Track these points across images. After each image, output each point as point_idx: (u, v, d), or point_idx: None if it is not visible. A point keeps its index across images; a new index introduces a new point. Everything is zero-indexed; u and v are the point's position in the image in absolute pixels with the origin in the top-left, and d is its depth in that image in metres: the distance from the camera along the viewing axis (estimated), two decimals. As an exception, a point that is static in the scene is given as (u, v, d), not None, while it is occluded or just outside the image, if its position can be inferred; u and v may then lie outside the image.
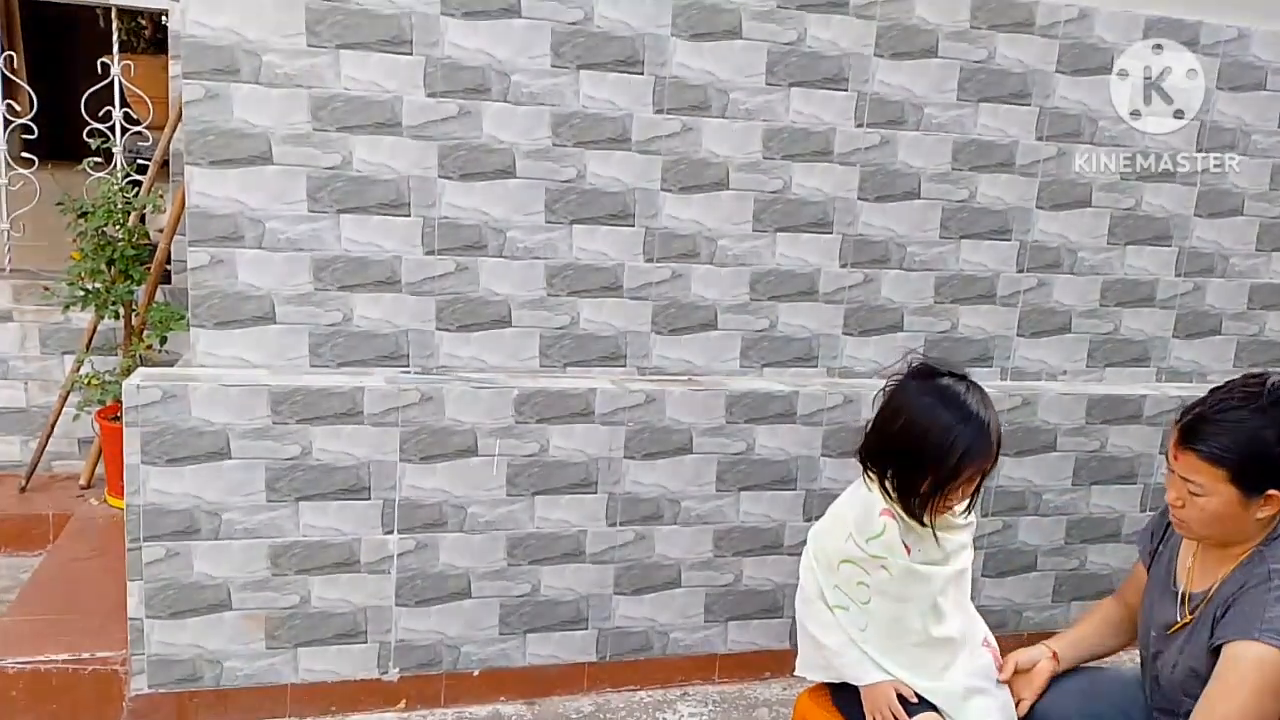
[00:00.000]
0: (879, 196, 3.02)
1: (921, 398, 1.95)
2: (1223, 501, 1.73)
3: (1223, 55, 3.22)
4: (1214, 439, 1.72)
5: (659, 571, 2.96)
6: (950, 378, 1.98)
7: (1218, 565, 1.85)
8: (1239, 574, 1.79)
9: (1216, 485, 1.73)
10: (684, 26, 2.78)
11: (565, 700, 2.96)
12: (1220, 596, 1.80)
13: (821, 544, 2.07)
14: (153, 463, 2.54)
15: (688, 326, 2.96)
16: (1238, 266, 3.40)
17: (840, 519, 2.06)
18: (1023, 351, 3.27)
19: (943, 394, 1.94)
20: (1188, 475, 1.76)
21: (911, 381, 1.99)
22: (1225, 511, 1.74)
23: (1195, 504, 1.76)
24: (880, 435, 2.00)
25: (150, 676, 2.63)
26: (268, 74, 2.55)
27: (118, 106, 3.91)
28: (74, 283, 3.43)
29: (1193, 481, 1.75)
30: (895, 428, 1.96)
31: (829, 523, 2.10)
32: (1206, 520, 1.77)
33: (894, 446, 1.96)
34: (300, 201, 2.63)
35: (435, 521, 2.75)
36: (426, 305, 2.76)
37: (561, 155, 2.77)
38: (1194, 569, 1.91)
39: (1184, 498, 1.78)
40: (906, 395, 1.97)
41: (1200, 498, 1.75)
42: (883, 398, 2.03)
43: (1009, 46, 3.03)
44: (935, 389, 1.95)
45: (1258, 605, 1.71)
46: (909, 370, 2.01)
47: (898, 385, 2.01)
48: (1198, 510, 1.76)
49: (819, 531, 2.11)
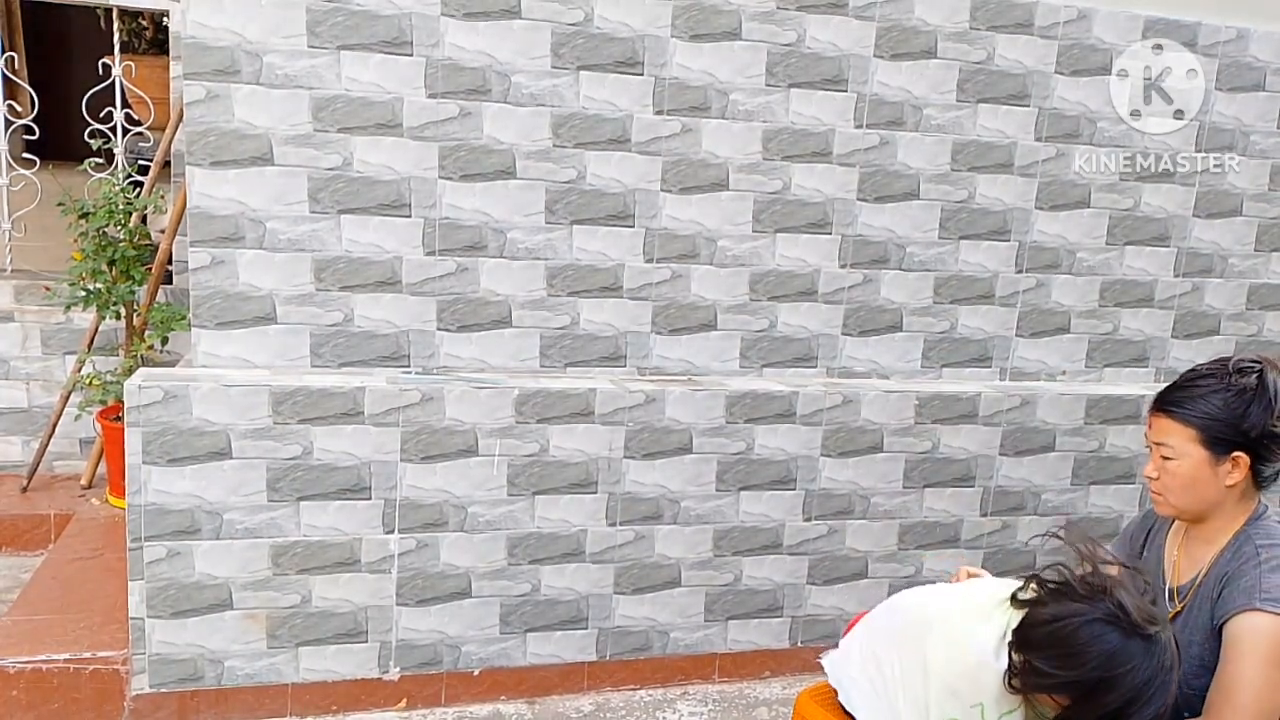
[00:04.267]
0: (878, 197, 3.03)
1: (1133, 661, 1.53)
2: (1193, 464, 1.81)
3: (1221, 56, 3.22)
4: (1185, 402, 1.83)
5: (659, 571, 2.97)
6: (1156, 629, 1.57)
7: (1201, 552, 1.91)
8: (1227, 556, 1.86)
9: (1186, 446, 1.81)
10: (684, 27, 2.78)
11: (565, 699, 2.96)
12: (1211, 580, 1.86)
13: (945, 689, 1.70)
14: (154, 463, 2.54)
15: (687, 326, 2.97)
16: (1236, 267, 3.41)
17: (956, 690, 1.67)
18: (1021, 351, 3.27)
19: (1156, 670, 1.54)
20: (1161, 439, 1.85)
21: (1119, 635, 1.55)
22: (1196, 474, 1.82)
23: (1168, 470, 1.84)
24: (1050, 659, 1.56)
25: (151, 676, 2.64)
26: (269, 75, 2.55)
27: (119, 107, 3.92)
28: (75, 283, 3.43)
29: (1165, 445, 1.84)
30: (1082, 671, 1.54)
31: (950, 678, 1.69)
32: (1179, 488, 1.84)
33: (1066, 679, 1.56)
34: (301, 202, 2.64)
35: (436, 521, 2.76)
36: (427, 305, 2.77)
37: (562, 156, 2.77)
38: (1179, 561, 1.97)
39: (1159, 467, 1.86)
40: (1109, 647, 1.53)
41: (1172, 462, 1.83)
42: (1071, 617, 1.56)
43: (1008, 47, 3.04)
44: (1151, 662, 1.54)
45: (1252, 579, 1.78)
46: (1109, 614, 1.55)
47: (1100, 625, 1.55)
48: (1170, 477, 1.84)
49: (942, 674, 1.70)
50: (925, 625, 1.76)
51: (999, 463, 3.20)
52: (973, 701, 1.65)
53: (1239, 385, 1.80)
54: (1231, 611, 1.77)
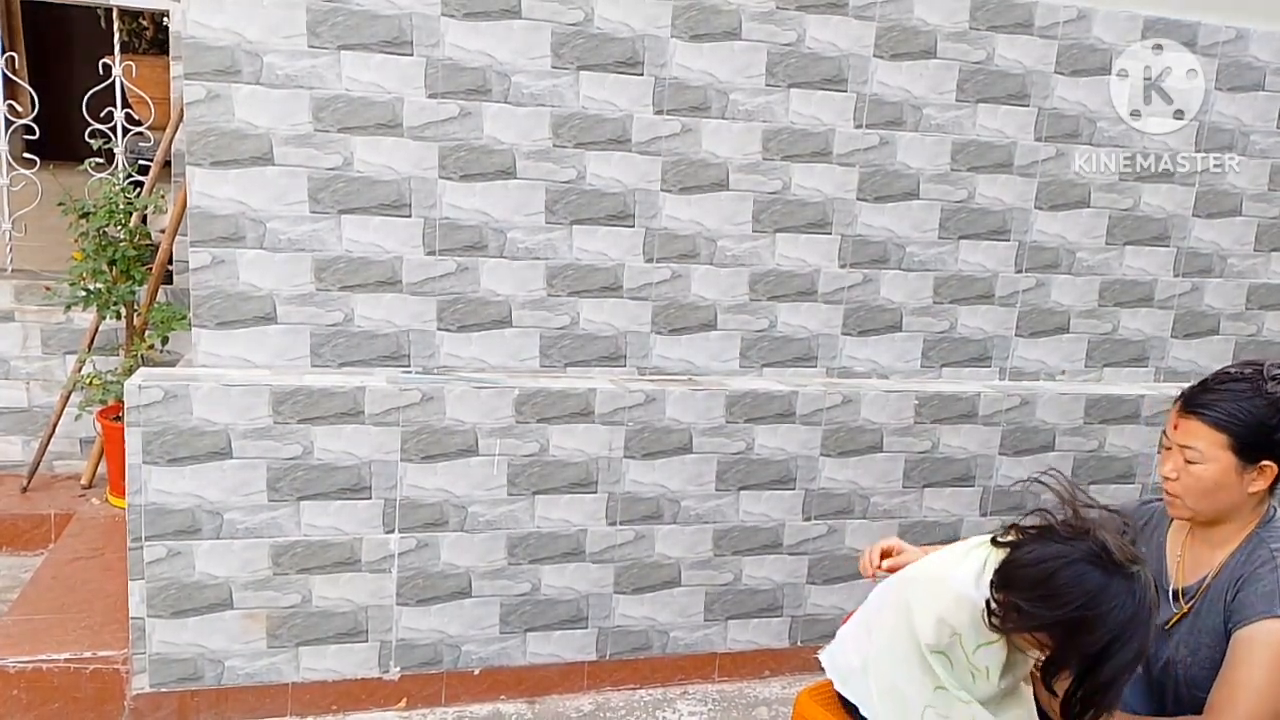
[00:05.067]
0: (878, 197, 3.03)
1: (1115, 599, 1.54)
2: (1220, 469, 1.77)
3: (1221, 56, 3.22)
4: (1218, 405, 1.77)
5: (659, 571, 2.97)
6: (1137, 568, 1.58)
7: (1209, 554, 1.86)
8: (1239, 558, 1.81)
9: (1216, 451, 1.77)
10: (684, 27, 2.79)
11: (565, 699, 2.96)
12: (1223, 582, 1.82)
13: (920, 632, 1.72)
14: (154, 462, 2.55)
15: (687, 326, 2.97)
16: (1236, 267, 3.41)
17: (941, 618, 1.69)
18: (1021, 351, 3.28)
19: (1138, 607, 1.54)
20: (1188, 442, 1.79)
21: (1101, 574, 1.56)
22: (1221, 480, 1.77)
23: (1191, 473, 1.79)
24: (1033, 599, 1.58)
25: (152, 675, 2.64)
26: (269, 75, 2.56)
27: (119, 107, 3.92)
28: (76, 283, 3.43)
29: (1192, 448, 1.79)
30: (1065, 611, 1.55)
31: (923, 616, 1.72)
32: (1201, 491, 1.80)
33: (1050, 618, 1.57)
34: (301, 202, 2.64)
35: (436, 521, 2.76)
36: (427, 305, 2.77)
37: (562, 156, 2.77)
38: (1184, 561, 1.92)
39: (1180, 469, 1.81)
40: (1092, 586, 1.55)
41: (1197, 465, 1.78)
42: (1042, 550, 1.62)
43: (1008, 47, 3.04)
44: (1132, 600, 1.54)
45: (1271, 585, 1.74)
46: (1091, 552, 1.58)
47: (1082, 565, 1.57)
48: (1193, 480, 1.79)
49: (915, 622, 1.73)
50: (909, 580, 1.80)
51: (998, 462, 3.20)
52: (952, 631, 1.67)
53: (1275, 394, 1.75)
54: (1251, 617, 1.73)
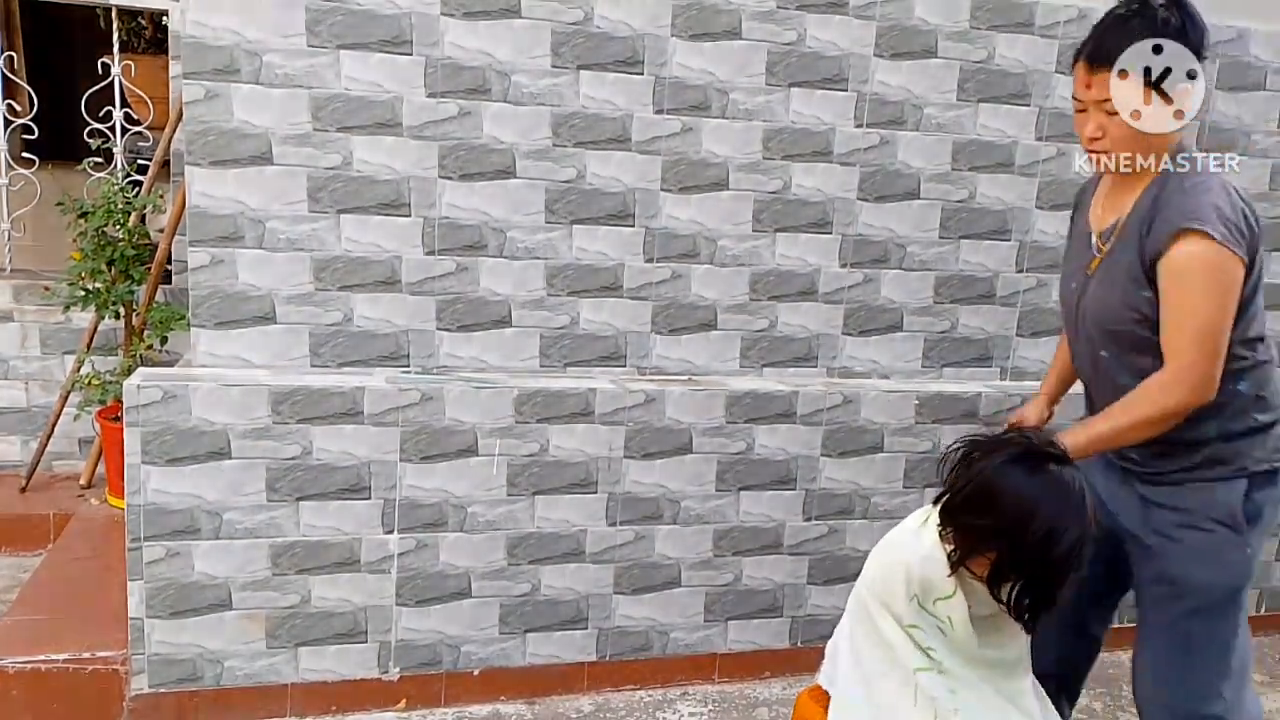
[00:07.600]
0: (879, 196, 3.03)
1: (1044, 491, 1.67)
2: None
3: (1221, 56, 3.22)
4: (1122, 50, 1.81)
5: (659, 571, 2.97)
6: (1057, 464, 1.71)
7: (1123, 197, 1.92)
8: (1151, 192, 1.87)
9: None
10: (684, 27, 2.78)
11: (565, 700, 2.96)
12: (1137, 217, 1.87)
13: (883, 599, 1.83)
14: (153, 463, 2.54)
15: (687, 326, 2.97)
16: (1237, 266, 3.40)
17: (902, 575, 1.78)
18: (1021, 351, 3.27)
19: (1068, 494, 1.68)
20: (1104, 95, 1.83)
21: (1025, 472, 1.70)
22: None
23: (1115, 123, 1.83)
24: (972, 515, 1.72)
25: (151, 676, 2.64)
26: (268, 74, 2.55)
27: (118, 107, 3.92)
28: (74, 283, 3.43)
29: (1110, 99, 1.83)
30: (1001, 513, 1.68)
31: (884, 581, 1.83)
32: (1133, 136, 1.84)
33: (992, 526, 1.70)
34: (300, 201, 2.63)
35: (435, 521, 2.76)
36: (427, 305, 2.76)
37: (561, 155, 2.77)
38: (1103, 210, 1.99)
39: (1103, 124, 1.85)
40: (1019, 483, 1.68)
41: (1118, 115, 1.82)
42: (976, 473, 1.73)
43: (1008, 47, 3.04)
44: (1062, 487, 1.69)
45: (1177, 206, 1.80)
46: (1011, 454, 1.72)
47: (1007, 468, 1.70)
48: (1120, 128, 1.84)
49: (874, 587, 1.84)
50: (863, 581, 1.89)
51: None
52: (909, 594, 1.77)
53: (1173, 22, 1.80)
54: (1163, 237, 1.78)
